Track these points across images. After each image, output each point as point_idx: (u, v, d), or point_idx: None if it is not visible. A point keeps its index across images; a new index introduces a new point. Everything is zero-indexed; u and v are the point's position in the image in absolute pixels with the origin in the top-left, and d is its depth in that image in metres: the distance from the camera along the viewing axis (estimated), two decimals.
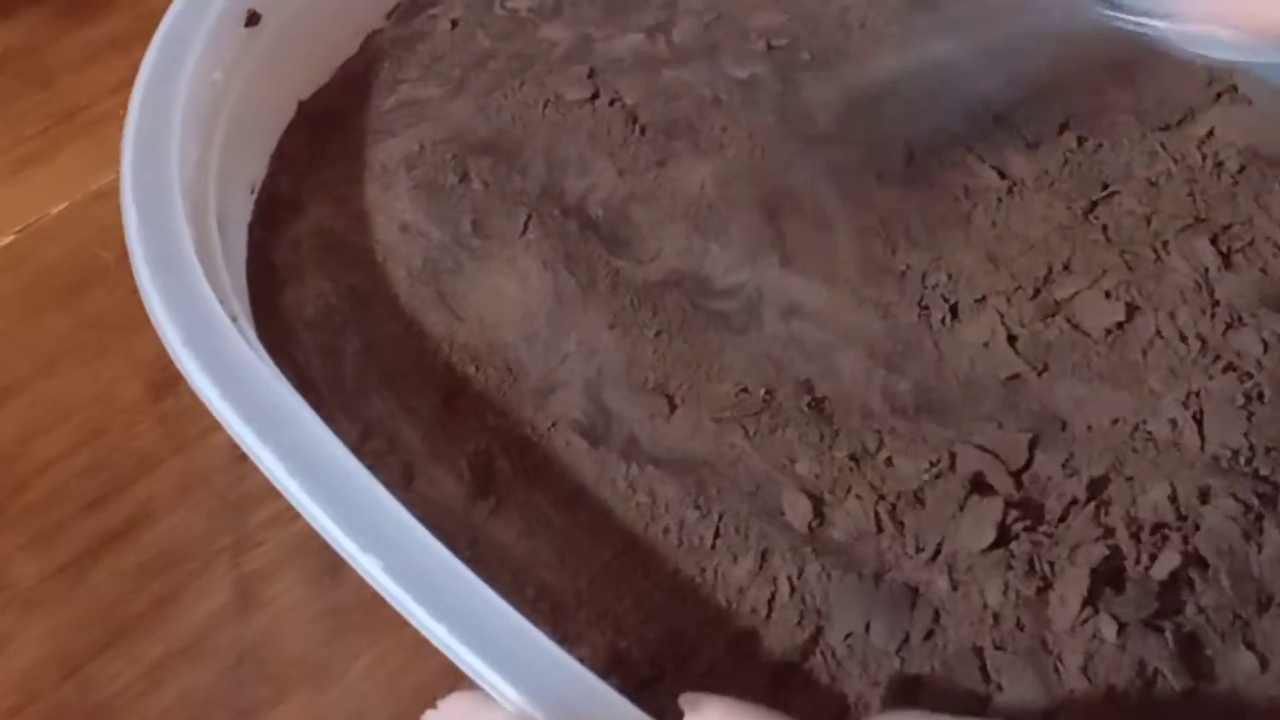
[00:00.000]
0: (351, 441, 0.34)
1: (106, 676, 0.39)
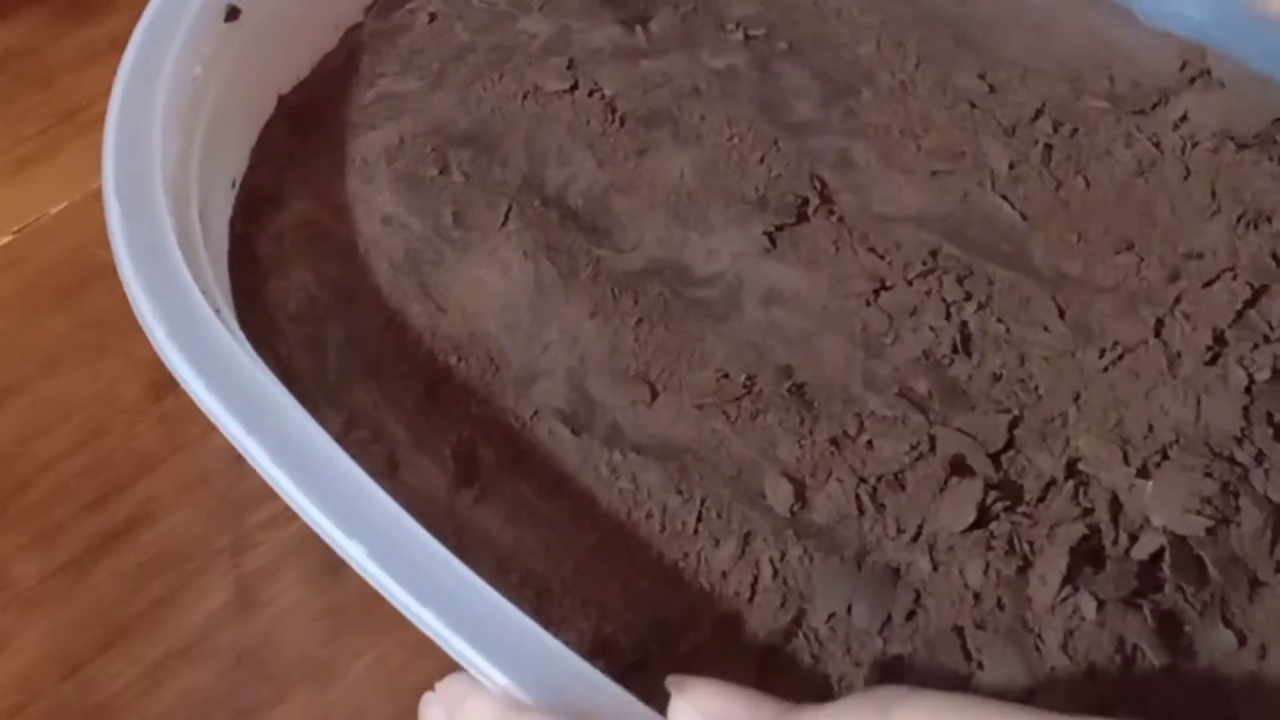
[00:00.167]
0: (335, 432, 0.34)
1: (106, 676, 0.39)
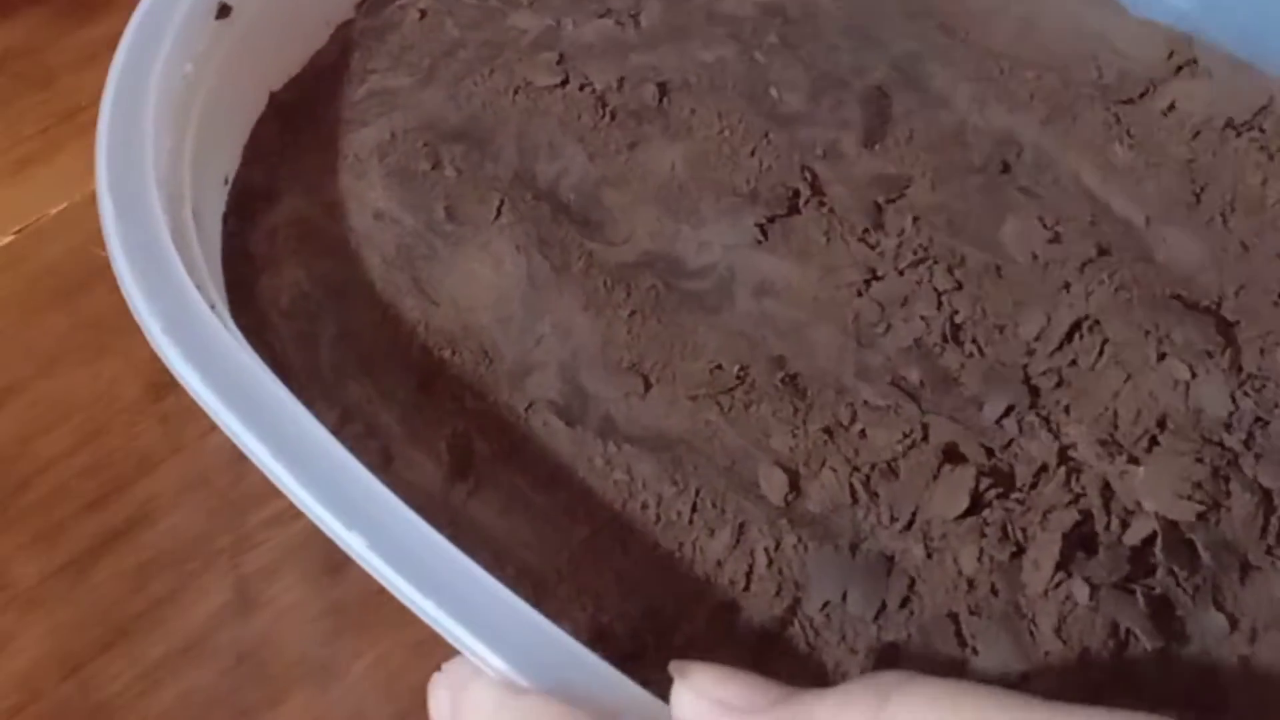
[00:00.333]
0: (330, 427, 0.34)
1: (107, 676, 0.39)
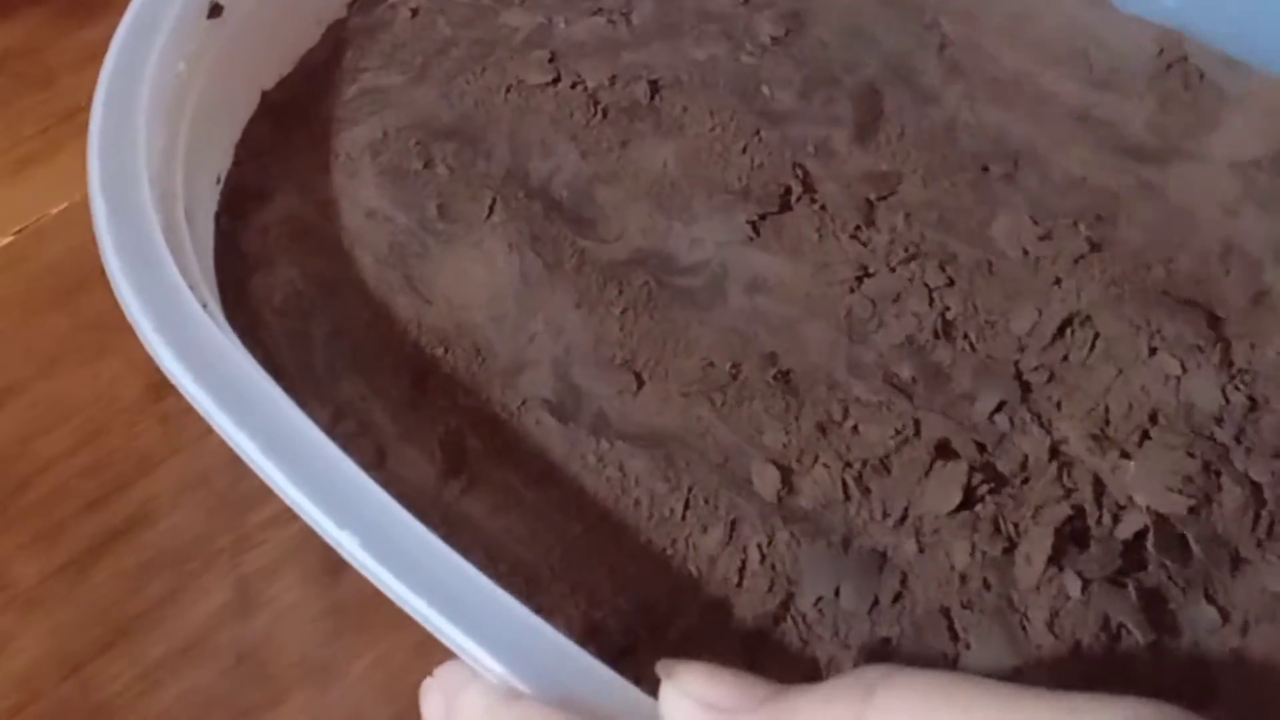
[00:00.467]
0: (323, 424, 0.34)
1: (107, 676, 0.39)
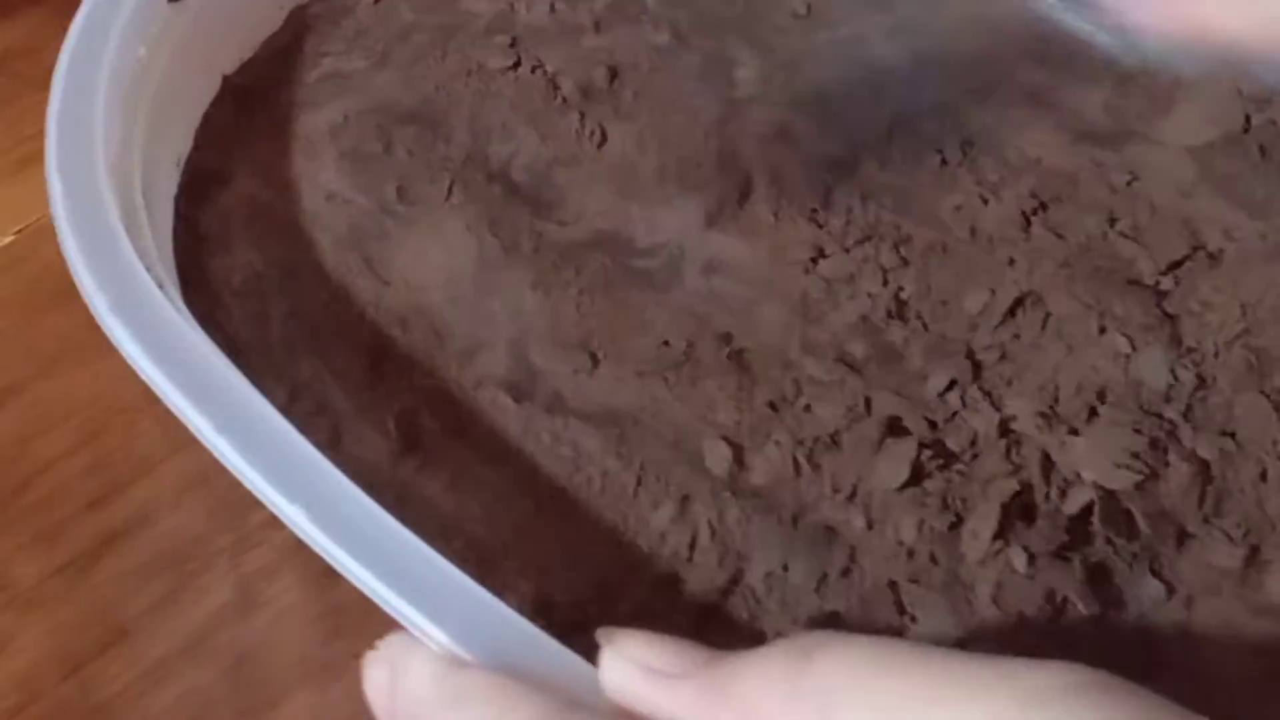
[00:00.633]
0: (280, 404, 0.34)
1: (107, 676, 0.39)
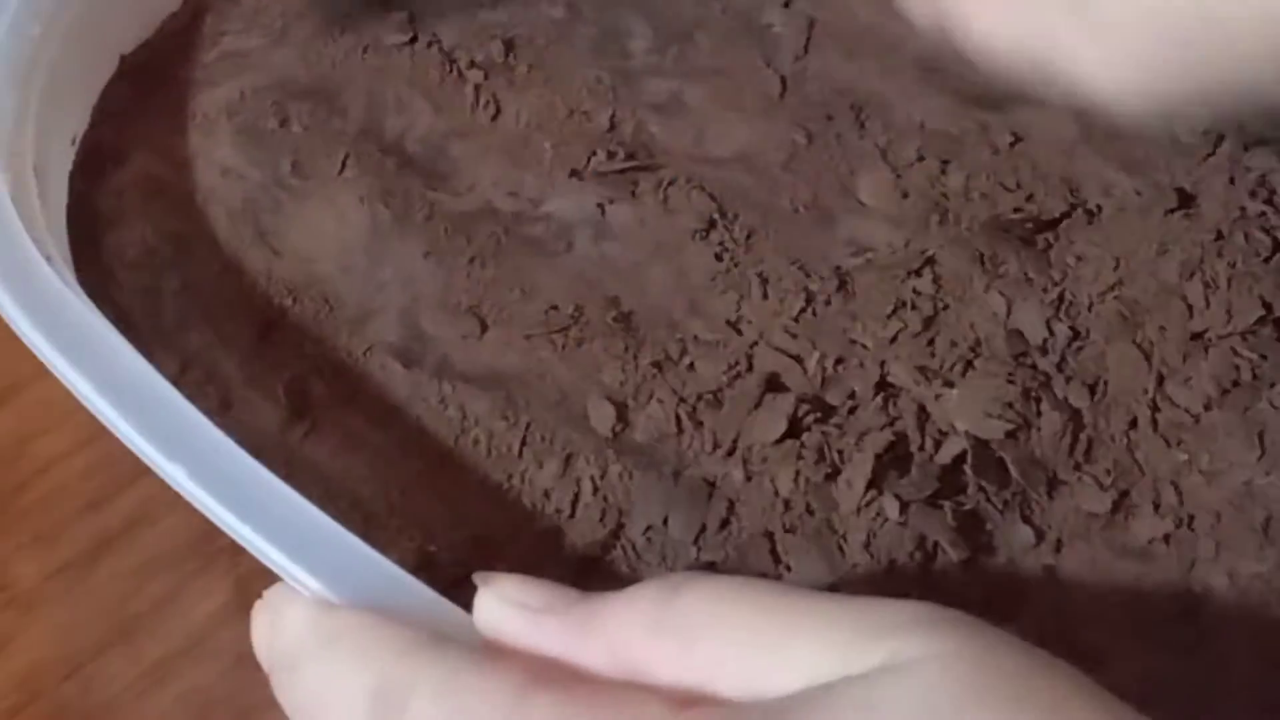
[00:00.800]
0: (171, 374, 0.34)
1: (107, 676, 0.39)
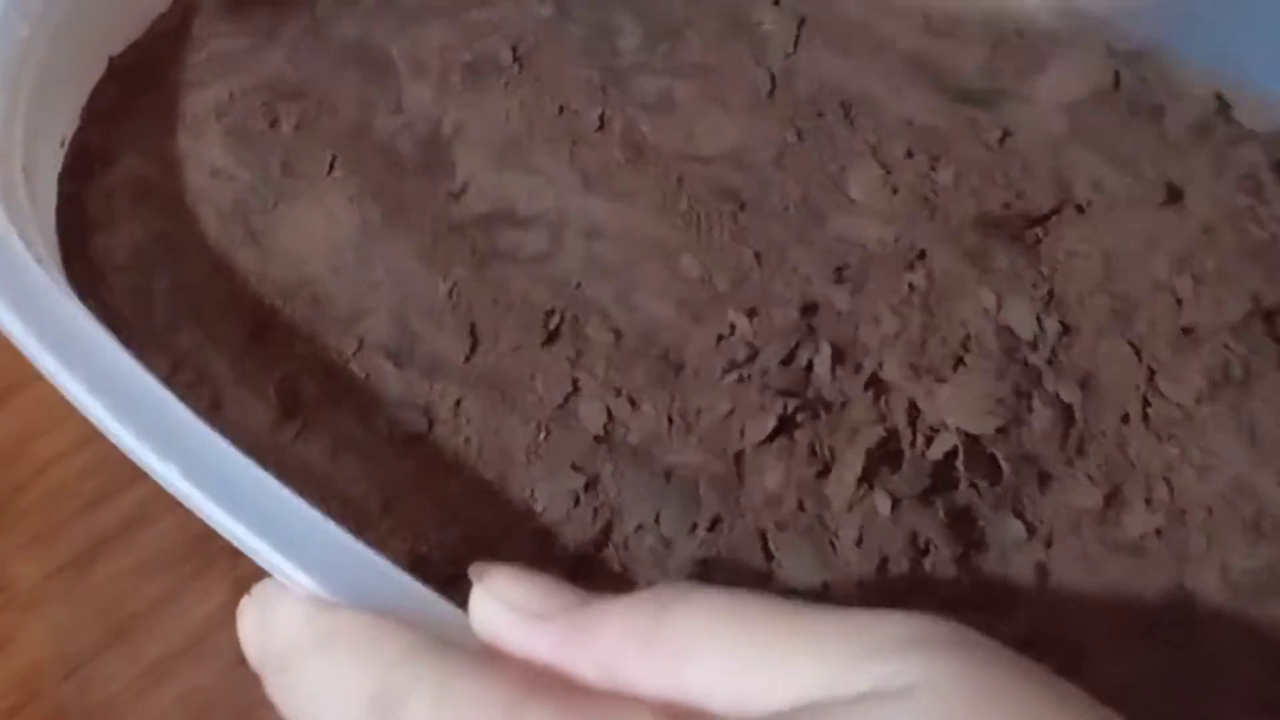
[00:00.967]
0: (162, 375, 0.34)
1: (106, 677, 0.39)
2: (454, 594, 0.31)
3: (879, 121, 0.46)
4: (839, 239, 0.42)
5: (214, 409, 0.38)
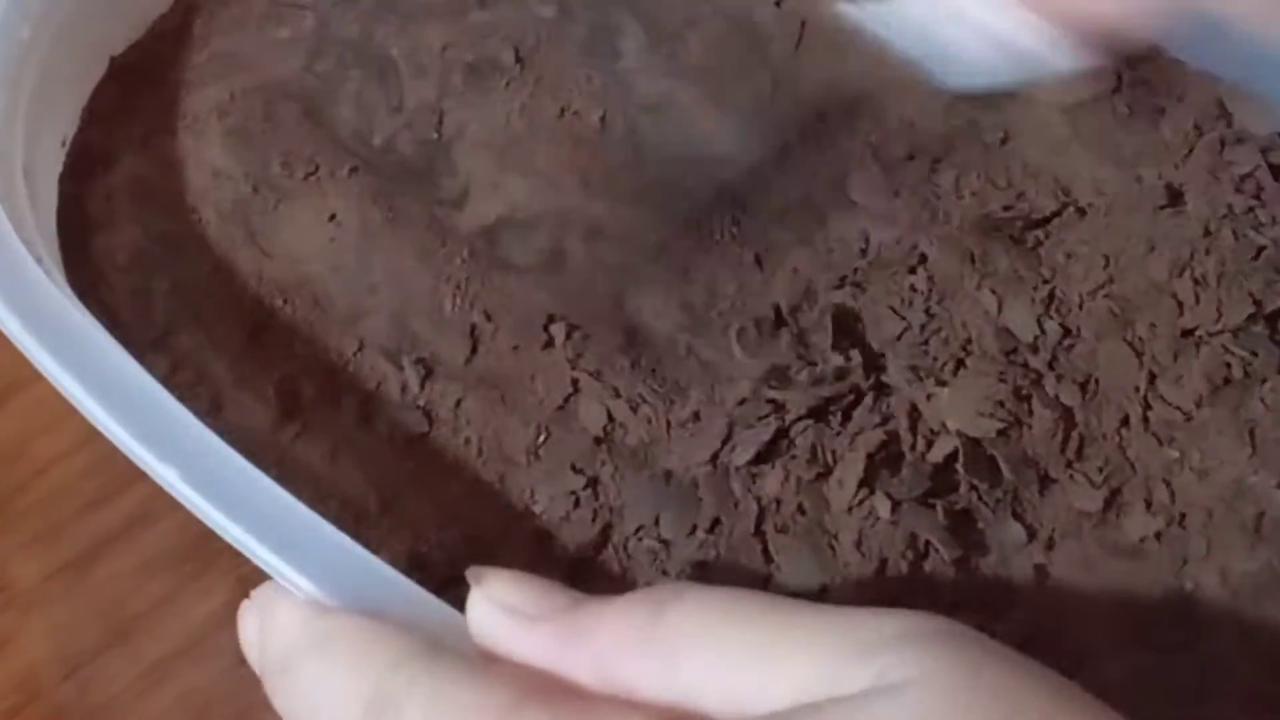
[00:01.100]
0: (161, 375, 0.34)
1: (106, 677, 0.39)
2: (453, 595, 0.31)
3: (880, 123, 0.46)
4: (840, 241, 0.42)
5: (213, 409, 0.38)
